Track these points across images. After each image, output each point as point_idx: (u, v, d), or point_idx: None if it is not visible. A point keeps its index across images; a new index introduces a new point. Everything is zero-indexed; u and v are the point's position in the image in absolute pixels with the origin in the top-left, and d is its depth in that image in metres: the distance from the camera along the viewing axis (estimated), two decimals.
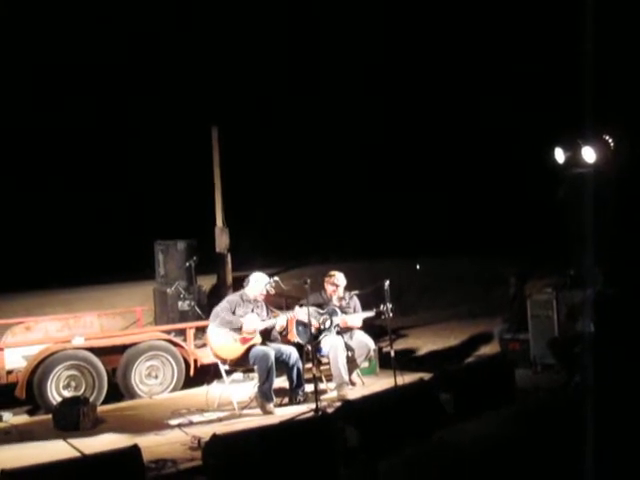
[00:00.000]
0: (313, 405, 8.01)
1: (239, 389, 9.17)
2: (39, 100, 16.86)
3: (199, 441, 7.03)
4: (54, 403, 8.88)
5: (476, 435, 7.12)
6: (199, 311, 11.18)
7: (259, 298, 8.94)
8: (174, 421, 8.36)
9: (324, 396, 8.91)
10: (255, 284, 8.96)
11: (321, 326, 9.18)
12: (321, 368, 9.33)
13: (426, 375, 8.36)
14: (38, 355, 9.20)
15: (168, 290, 11.49)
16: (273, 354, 8.53)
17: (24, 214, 16.35)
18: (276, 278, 9.15)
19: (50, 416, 8.50)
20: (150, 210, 16.67)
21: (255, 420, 8.06)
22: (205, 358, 9.69)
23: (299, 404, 8.62)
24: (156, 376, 9.81)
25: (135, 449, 5.73)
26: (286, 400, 8.83)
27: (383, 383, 9.10)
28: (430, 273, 13.35)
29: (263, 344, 8.68)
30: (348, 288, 9.55)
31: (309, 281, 8.45)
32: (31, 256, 15.45)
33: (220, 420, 8.33)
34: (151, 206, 16.87)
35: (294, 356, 8.71)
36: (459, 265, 15.60)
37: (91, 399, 8.89)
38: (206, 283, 12.99)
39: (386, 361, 9.71)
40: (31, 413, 9.24)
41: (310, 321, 8.57)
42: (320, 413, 7.72)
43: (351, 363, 9.24)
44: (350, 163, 18.80)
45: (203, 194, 13.89)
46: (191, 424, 8.20)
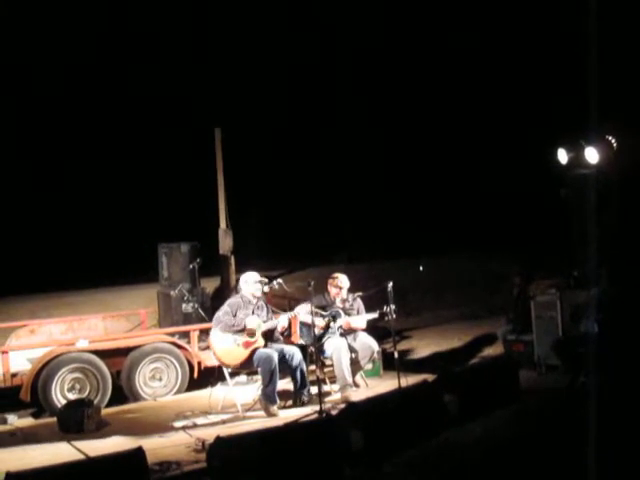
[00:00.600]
0: (317, 407, 8.01)
1: (243, 391, 9.15)
2: (43, 102, 16.89)
3: (203, 443, 7.03)
4: (58, 406, 8.92)
5: (480, 436, 7.12)
6: (203, 313, 11.17)
7: (257, 295, 8.92)
8: (178, 423, 8.36)
9: (328, 398, 8.89)
10: (245, 285, 8.95)
11: (325, 327, 9.19)
12: (325, 370, 9.34)
13: (430, 376, 8.34)
14: (42, 358, 9.20)
15: (172, 292, 11.48)
16: (276, 356, 8.52)
17: (29, 218, 16.39)
18: (279, 280, 9.15)
19: (55, 419, 8.52)
20: (154, 213, 16.69)
21: (259, 422, 8.06)
22: (209, 360, 9.68)
23: (303, 406, 8.61)
24: (160, 378, 9.80)
25: (139, 451, 5.74)
26: (290, 402, 8.82)
27: (387, 385, 9.08)
28: (433, 274, 13.36)
29: (265, 346, 8.70)
30: (351, 290, 9.54)
31: (312, 283, 8.43)
32: (36, 259, 15.48)
33: (224, 422, 8.33)
34: (155, 209, 16.89)
35: (298, 357, 8.70)
36: (462, 266, 15.59)
37: (95, 401, 8.89)
38: (210, 285, 13.00)
39: (390, 363, 9.70)
40: (36, 416, 9.24)
41: (314, 322, 8.57)
42: (324, 415, 7.71)
43: (355, 365, 9.23)
44: (353, 165, 18.82)
45: (206, 196, 13.91)
46: (195, 426, 8.21)
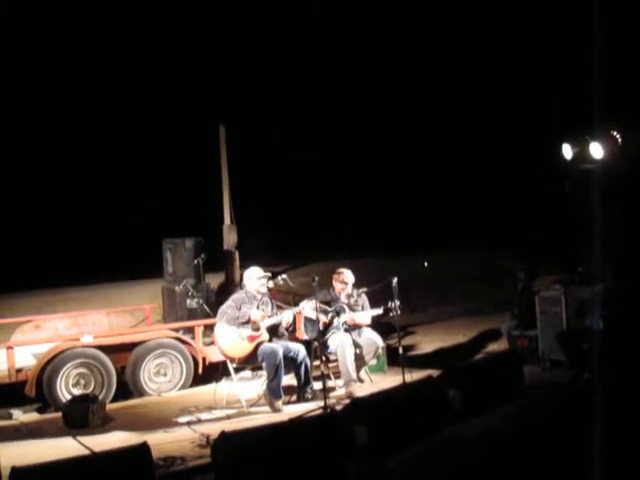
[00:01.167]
0: (321, 402, 8.02)
1: (247, 387, 9.17)
2: (48, 99, 16.89)
3: (208, 438, 7.05)
4: (63, 401, 8.94)
5: (485, 431, 7.10)
6: (207, 309, 11.16)
7: (262, 291, 8.93)
8: (183, 419, 8.39)
9: (332, 393, 8.92)
10: (249, 281, 8.98)
11: (329, 323, 9.19)
12: (329, 365, 9.35)
13: (434, 372, 8.34)
14: (47, 353, 9.22)
15: (176, 288, 11.48)
16: (281, 351, 8.53)
17: (34, 213, 16.40)
18: (284, 275, 9.16)
19: (59, 414, 8.56)
20: (158, 208, 16.69)
21: (263, 417, 8.09)
22: (213, 356, 9.71)
23: (307, 401, 8.63)
24: (165, 374, 9.83)
25: (144, 446, 5.75)
26: (294, 398, 8.84)
27: (391, 380, 9.10)
28: (438, 270, 13.33)
29: (270, 341, 8.70)
30: (356, 285, 9.54)
31: (317, 278, 8.46)
32: (41, 255, 15.49)
33: (228, 418, 8.36)
34: (159, 204, 16.89)
35: (302, 353, 8.72)
36: (467, 262, 15.57)
37: (100, 397, 8.92)
38: (214, 281, 12.99)
39: (394, 358, 9.71)
40: (41, 411, 9.26)
41: (318, 317, 8.57)
42: (328, 410, 7.71)
43: (359, 360, 9.23)
44: (357, 161, 18.80)
45: (211, 192, 13.90)
46: (200, 422, 8.24)
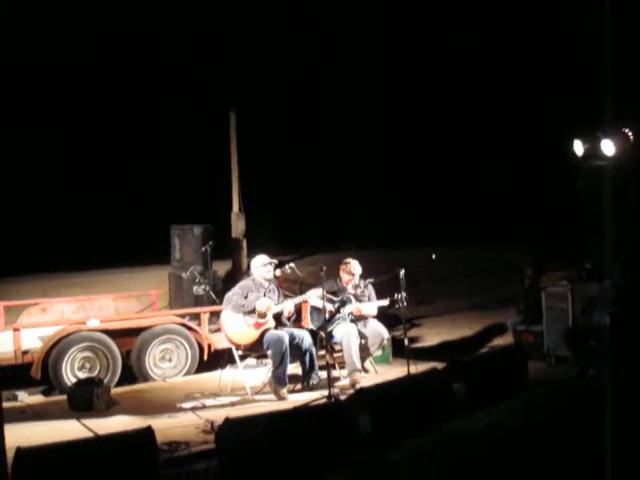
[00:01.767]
0: (326, 392, 8.02)
1: (252, 374, 9.21)
2: (59, 85, 16.88)
3: (212, 424, 7.06)
4: (69, 384, 8.95)
5: (489, 425, 7.12)
6: (214, 296, 11.17)
7: (268, 278, 8.94)
8: (187, 404, 8.41)
9: (337, 383, 8.91)
10: (255, 270, 8.99)
11: (335, 312, 9.19)
12: (334, 355, 9.36)
13: (439, 365, 8.35)
14: (53, 336, 9.24)
15: (183, 274, 11.49)
16: (287, 338, 8.54)
17: (43, 198, 16.41)
18: (292, 264, 9.16)
19: (65, 396, 8.57)
20: (167, 195, 16.70)
21: (268, 405, 8.09)
22: (219, 343, 9.72)
23: (312, 390, 8.63)
24: (170, 359, 9.83)
25: (149, 431, 5.77)
26: (299, 386, 8.85)
27: (396, 372, 9.08)
28: (445, 263, 13.31)
29: (276, 328, 8.71)
30: (363, 276, 9.54)
31: (324, 268, 8.44)
32: (49, 239, 15.52)
33: (233, 404, 8.37)
34: (168, 191, 16.90)
35: (307, 340, 8.71)
36: (474, 256, 15.56)
37: (105, 381, 8.94)
38: (221, 268, 13.01)
39: (399, 350, 9.71)
40: (46, 393, 9.29)
41: (325, 307, 8.57)
42: (333, 400, 7.73)
43: (364, 351, 9.23)
44: (367, 150, 18.76)
45: (220, 179, 13.90)
46: (204, 408, 8.25)
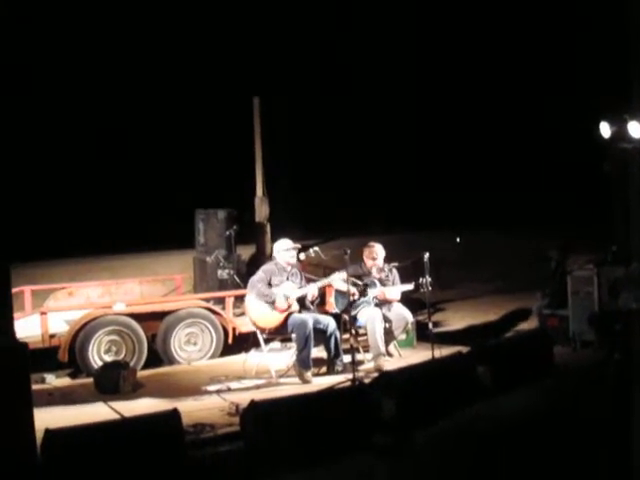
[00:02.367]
0: (350, 375, 8.03)
1: (277, 357, 9.24)
2: (85, 73, 16.92)
3: (237, 407, 7.10)
4: (95, 367, 9.04)
5: (513, 409, 7.10)
6: (238, 280, 11.20)
7: (291, 263, 8.94)
8: (212, 387, 8.46)
9: (361, 367, 8.92)
10: (278, 254, 9.00)
11: (359, 296, 9.19)
12: (358, 339, 9.37)
13: (464, 348, 8.33)
14: (80, 320, 9.32)
15: (208, 259, 11.53)
16: (311, 322, 8.56)
17: (69, 184, 16.49)
18: (316, 248, 9.16)
19: (91, 379, 8.67)
20: (192, 179, 16.73)
21: (292, 388, 8.13)
22: (243, 326, 9.76)
23: (336, 374, 8.65)
24: (195, 343, 9.88)
25: (175, 413, 5.82)
26: (323, 370, 8.89)
27: (420, 355, 9.07)
28: (470, 247, 13.23)
29: (300, 312, 8.74)
30: (387, 260, 9.53)
31: (349, 251, 8.41)
32: (75, 224, 15.61)
33: (258, 387, 8.41)
34: (193, 175, 16.93)
35: (332, 325, 8.73)
36: (499, 239, 15.47)
37: (131, 364, 9.00)
38: (245, 252, 13.03)
39: (423, 334, 9.71)
40: (73, 376, 9.37)
41: (349, 290, 8.57)
42: (357, 383, 7.75)
43: (388, 335, 9.24)
44: (393, 134, 18.67)
45: (244, 164, 13.91)
46: (229, 390, 8.30)
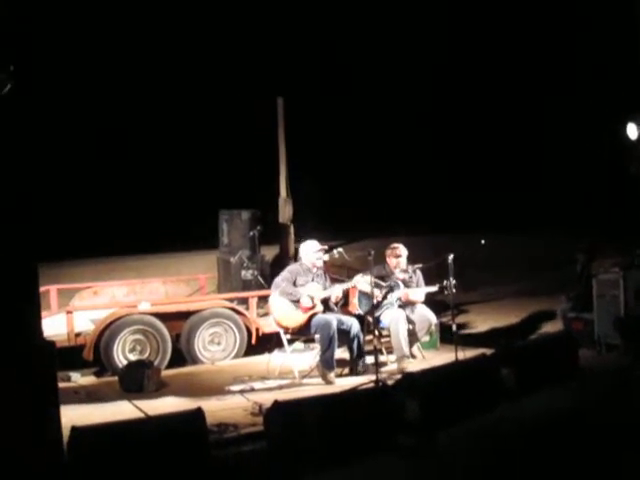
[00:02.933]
0: (373, 376, 8.02)
1: (300, 358, 9.25)
2: (106, 68, 17.02)
3: (260, 407, 7.12)
4: (120, 366, 9.12)
5: (537, 411, 7.07)
6: (262, 280, 11.23)
7: (318, 265, 8.97)
8: (236, 387, 8.49)
9: (384, 368, 8.92)
10: (305, 256, 9.03)
11: (383, 298, 9.18)
12: (382, 340, 9.36)
13: (487, 350, 8.28)
14: (105, 319, 9.39)
15: (231, 259, 11.56)
16: (335, 323, 8.57)
17: (95, 184, 16.60)
18: (340, 249, 9.17)
19: (116, 378, 8.74)
20: (215, 180, 16.79)
21: (316, 389, 8.14)
22: (267, 327, 9.79)
23: (359, 375, 8.66)
24: (219, 343, 9.92)
25: (199, 412, 5.83)
26: (346, 371, 8.89)
27: (444, 357, 9.05)
28: (494, 249, 13.18)
29: (324, 313, 8.74)
30: (412, 261, 9.51)
31: (373, 252, 8.39)
32: (99, 224, 15.73)
33: (281, 388, 8.44)
34: (216, 176, 16.99)
35: (355, 327, 8.73)
36: (523, 242, 15.39)
37: (155, 363, 9.07)
38: (269, 253, 13.05)
39: (447, 336, 9.68)
40: (98, 374, 9.45)
41: (373, 292, 8.56)
42: (380, 384, 7.74)
43: (412, 336, 9.21)
44: (416, 136, 18.63)
45: (268, 165, 13.95)
46: (252, 390, 8.33)
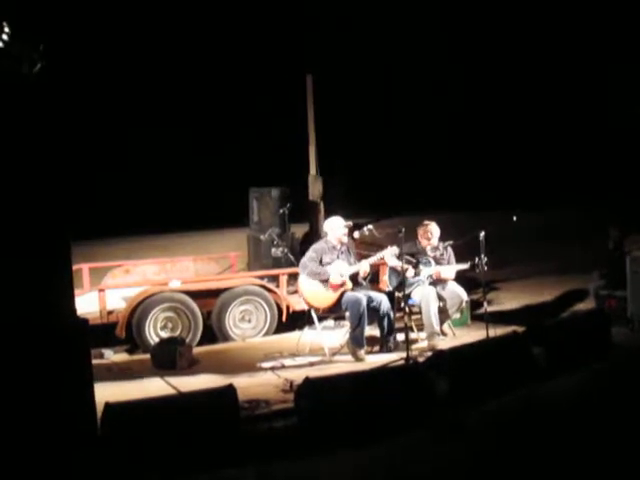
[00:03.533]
0: (404, 354, 8.02)
1: (330, 335, 9.28)
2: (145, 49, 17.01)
3: (291, 384, 7.16)
4: (152, 343, 9.19)
5: (568, 390, 7.04)
6: (292, 258, 11.23)
7: (343, 241, 8.94)
8: (267, 364, 8.53)
9: (415, 345, 8.90)
10: (331, 232, 9.00)
11: (414, 275, 9.15)
12: (412, 317, 9.34)
13: (519, 328, 8.23)
14: (137, 297, 9.46)
15: (262, 237, 11.57)
16: (365, 300, 8.56)
17: (123, 164, 16.68)
18: (370, 226, 9.14)
19: (148, 355, 8.82)
20: (246, 157, 16.80)
21: (346, 366, 8.15)
22: (297, 304, 9.79)
23: (390, 352, 8.65)
24: (249, 320, 9.96)
25: (231, 388, 5.89)
26: (377, 348, 8.88)
27: (474, 335, 9.01)
28: (526, 226, 13.07)
29: (353, 290, 8.74)
30: (443, 239, 9.47)
31: (403, 229, 8.34)
32: (132, 202, 15.80)
33: (311, 365, 8.45)
34: (246, 153, 17.00)
35: (385, 304, 8.71)
36: (555, 219, 15.24)
37: (187, 340, 9.12)
38: (299, 231, 13.06)
39: (478, 313, 9.63)
40: (130, 352, 9.53)
41: (403, 267, 8.53)
42: (411, 362, 7.74)
43: (443, 314, 9.18)
44: (448, 111, 18.46)
45: (297, 142, 13.92)
46: (283, 367, 8.36)
